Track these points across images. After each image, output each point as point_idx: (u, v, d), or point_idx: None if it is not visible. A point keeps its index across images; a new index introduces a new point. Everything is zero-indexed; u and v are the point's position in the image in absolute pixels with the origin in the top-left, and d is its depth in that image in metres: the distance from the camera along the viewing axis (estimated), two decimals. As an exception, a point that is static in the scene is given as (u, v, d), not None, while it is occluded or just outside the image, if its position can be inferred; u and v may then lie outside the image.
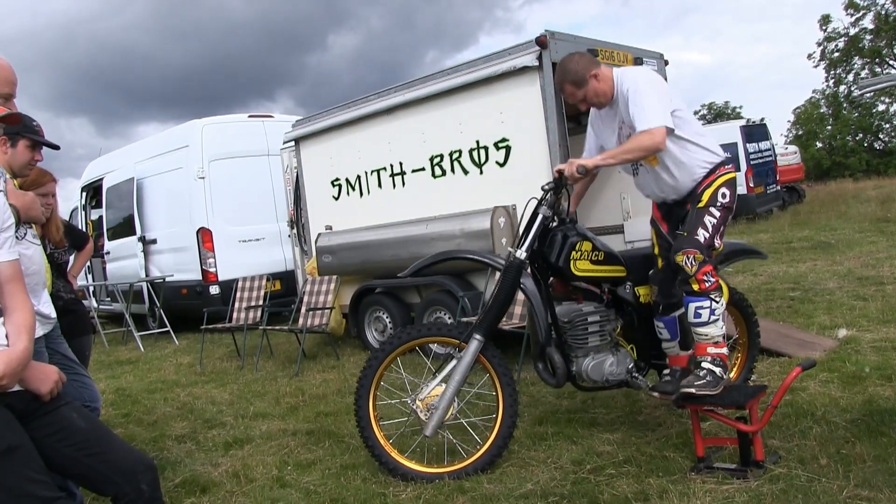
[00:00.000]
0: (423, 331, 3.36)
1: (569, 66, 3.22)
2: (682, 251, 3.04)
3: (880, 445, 2.92)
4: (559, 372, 3.23)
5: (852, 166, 34.93)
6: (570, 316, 3.28)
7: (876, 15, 34.58)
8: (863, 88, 18.25)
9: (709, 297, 3.03)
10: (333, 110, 6.75)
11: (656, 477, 2.90)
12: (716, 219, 3.10)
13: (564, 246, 3.19)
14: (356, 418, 3.30)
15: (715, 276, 3.07)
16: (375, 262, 6.21)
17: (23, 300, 1.88)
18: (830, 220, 13.13)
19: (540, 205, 3.20)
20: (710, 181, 3.17)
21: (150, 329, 9.33)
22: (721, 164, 3.21)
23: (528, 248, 3.15)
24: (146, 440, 4.28)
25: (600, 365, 3.29)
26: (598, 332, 3.32)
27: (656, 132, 2.99)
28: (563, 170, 3.12)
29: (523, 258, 3.15)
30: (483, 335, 3.15)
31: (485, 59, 5.45)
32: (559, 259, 3.19)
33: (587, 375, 3.28)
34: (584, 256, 3.22)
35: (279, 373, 6.07)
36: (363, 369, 3.30)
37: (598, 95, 3.23)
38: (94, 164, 11.46)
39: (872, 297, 6.09)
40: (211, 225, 8.82)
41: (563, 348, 3.28)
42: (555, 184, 3.17)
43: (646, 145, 3.01)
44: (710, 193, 3.14)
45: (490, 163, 5.54)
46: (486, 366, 3.23)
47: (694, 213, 3.13)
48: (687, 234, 3.10)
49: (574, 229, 3.26)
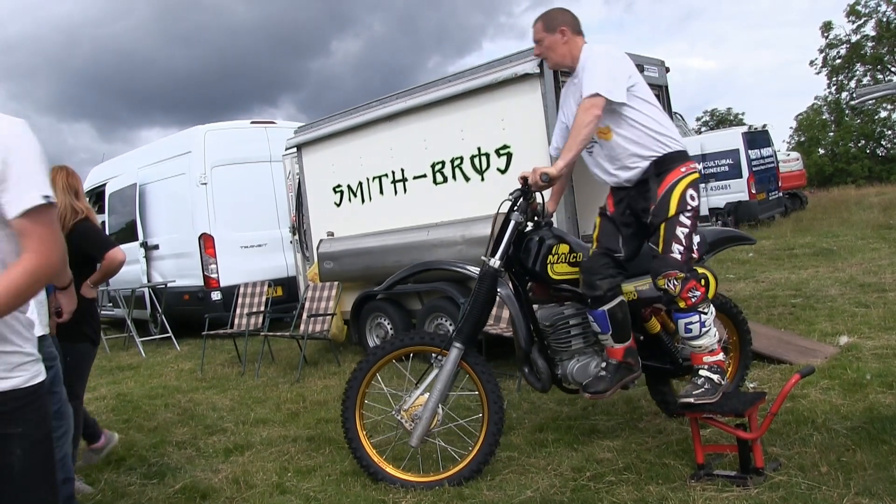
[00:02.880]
0: (405, 341, 3.34)
1: (552, 12, 3.27)
2: (663, 275, 2.99)
3: (881, 453, 2.91)
4: (543, 376, 3.22)
5: (854, 173, 34.95)
6: (551, 319, 3.25)
7: (877, 22, 34.63)
8: (860, 97, 18.26)
9: (697, 311, 3.00)
10: (335, 117, 6.77)
11: (656, 484, 2.90)
12: (687, 227, 3.03)
13: (540, 250, 3.17)
14: (344, 434, 3.31)
15: (700, 288, 3.01)
16: (377, 269, 6.21)
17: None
18: (832, 227, 13.11)
19: (511, 210, 3.17)
20: (674, 180, 3.07)
21: (151, 335, 9.34)
22: (684, 158, 3.14)
23: (501, 256, 3.13)
24: (147, 446, 4.28)
25: (585, 367, 3.25)
26: (581, 334, 3.28)
27: (589, 102, 2.97)
28: (527, 177, 3.10)
29: (497, 266, 3.13)
30: (463, 342, 3.15)
31: (486, 66, 5.47)
32: (535, 264, 3.16)
33: (573, 378, 3.24)
34: (562, 259, 3.19)
35: (280, 379, 6.07)
36: (346, 387, 3.32)
37: (552, 50, 3.25)
38: (96, 170, 11.50)
39: (874, 304, 6.08)
40: (213, 231, 8.84)
41: (547, 352, 3.26)
42: (521, 191, 3.15)
43: (584, 120, 2.97)
44: (677, 199, 3.04)
45: (491, 169, 5.55)
46: (469, 372, 3.23)
47: (665, 227, 3.04)
48: (662, 252, 3.04)
49: (550, 232, 3.23)
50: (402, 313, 6.34)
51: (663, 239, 3.05)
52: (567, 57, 3.23)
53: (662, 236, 3.05)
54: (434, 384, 3.16)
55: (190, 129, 9.35)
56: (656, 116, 3.16)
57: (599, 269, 3.11)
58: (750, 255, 10.48)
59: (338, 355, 6.58)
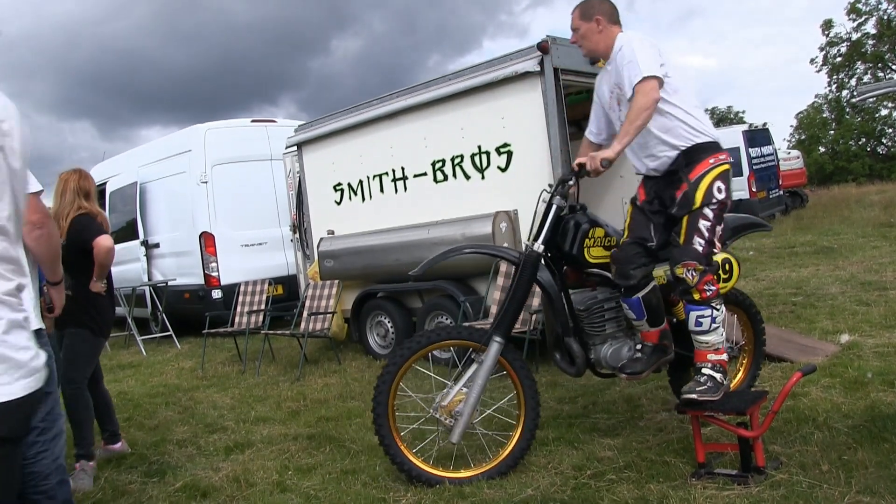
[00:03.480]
0: (442, 334, 3.27)
1: (592, 0, 3.25)
2: (682, 264, 2.99)
3: (882, 451, 2.90)
4: (578, 361, 3.21)
5: (855, 171, 34.93)
6: (585, 304, 3.25)
7: (878, 20, 34.59)
8: (861, 94, 18.24)
9: (710, 305, 3.00)
10: (336, 115, 6.77)
11: (657, 482, 2.89)
12: (710, 221, 3.02)
13: (577, 234, 3.17)
14: (375, 426, 3.17)
15: (716, 284, 3.03)
16: (377, 267, 6.22)
17: None
18: (833, 225, 13.10)
19: (554, 195, 3.17)
20: (704, 170, 3.05)
21: (152, 333, 9.34)
22: (715, 149, 3.12)
23: (545, 240, 3.13)
24: (147, 444, 4.28)
25: (618, 351, 3.26)
26: (614, 319, 3.28)
27: (646, 87, 2.95)
28: (584, 163, 3.07)
29: (541, 251, 3.13)
30: (503, 336, 3.12)
31: (487, 65, 5.47)
32: (573, 247, 3.17)
33: (606, 362, 3.25)
34: (597, 243, 3.21)
35: (281, 377, 6.07)
36: (380, 376, 3.19)
37: (586, 38, 3.25)
38: (97, 169, 11.47)
39: (875, 302, 6.08)
40: (213, 229, 8.83)
41: (581, 336, 3.25)
42: (574, 176, 3.14)
43: (643, 104, 2.95)
44: (703, 191, 3.02)
45: (492, 168, 5.54)
46: (507, 368, 3.22)
47: (688, 219, 3.04)
48: (683, 243, 3.04)
49: (585, 216, 3.23)
50: (403, 312, 6.34)
51: (685, 230, 3.05)
52: (601, 45, 3.23)
53: (685, 228, 3.05)
54: (474, 379, 3.12)
55: (190, 127, 9.34)
56: (687, 107, 3.13)
57: (632, 258, 3.11)
58: (750, 254, 10.47)
59: (338, 353, 6.58)
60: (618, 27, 3.25)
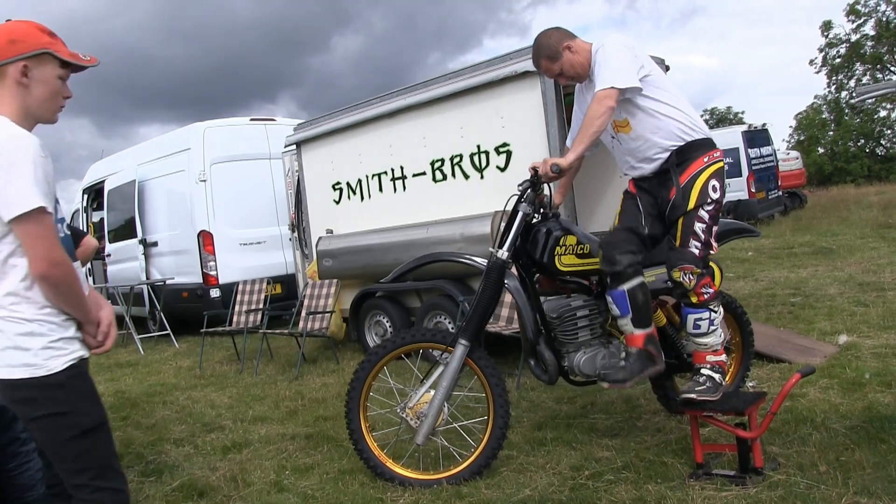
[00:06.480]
0: (410, 337, 3.31)
1: (542, 41, 3.19)
2: (679, 268, 2.97)
3: (880, 452, 2.91)
4: (550, 369, 3.20)
5: (854, 172, 34.99)
6: (558, 311, 3.22)
7: (877, 21, 34.63)
8: (860, 95, 18.25)
9: (707, 307, 2.99)
10: (335, 114, 6.76)
11: (655, 483, 2.89)
12: (706, 222, 2.99)
13: (548, 242, 3.14)
14: (348, 430, 3.29)
15: (713, 286, 3.02)
16: (376, 266, 6.20)
17: None
18: (832, 226, 13.11)
19: (520, 202, 3.15)
20: (696, 171, 3.01)
21: (150, 332, 9.34)
22: (709, 147, 3.07)
23: (509, 247, 3.11)
24: (144, 443, 4.28)
25: (592, 359, 3.21)
26: (587, 326, 3.25)
27: (601, 95, 2.92)
28: (537, 167, 3.07)
29: (505, 258, 3.12)
30: (468, 339, 3.13)
31: (486, 64, 5.46)
32: (543, 255, 3.15)
33: (579, 370, 3.22)
34: (569, 251, 3.17)
35: (279, 376, 6.07)
36: (352, 380, 3.28)
37: (573, 67, 3.17)
38: (95, 167, 11.48)
39: (873, 302, 6.08)
40: (212, 228, 8.82)
41: (554, 344, 3.24)
42: (531, 182, 3.12)
43: (596, 112, 2.92)
44: (697, 192, 2.99)
45: (491, 167, 5.54)
46: (475, 369, 3.21)
47: (683, 221, 3.01)
48: (679, 246, 3.01)
49: (557, 223, 3.20)
50: (402, 311, 6.34)
51: (680, 233, 3.01)
52: (584, 63, 3.15)
53: (680, 230, 3.02)
54: (439, 381, 3.14)
55: (189, 125, 9.33)
56: (675, 104, 3.07)
57: (620, 243, 3.02)
58: (749, 254, 10.48)
59: (337, 353, 6.58)
60: (580, 40, 3.20)
